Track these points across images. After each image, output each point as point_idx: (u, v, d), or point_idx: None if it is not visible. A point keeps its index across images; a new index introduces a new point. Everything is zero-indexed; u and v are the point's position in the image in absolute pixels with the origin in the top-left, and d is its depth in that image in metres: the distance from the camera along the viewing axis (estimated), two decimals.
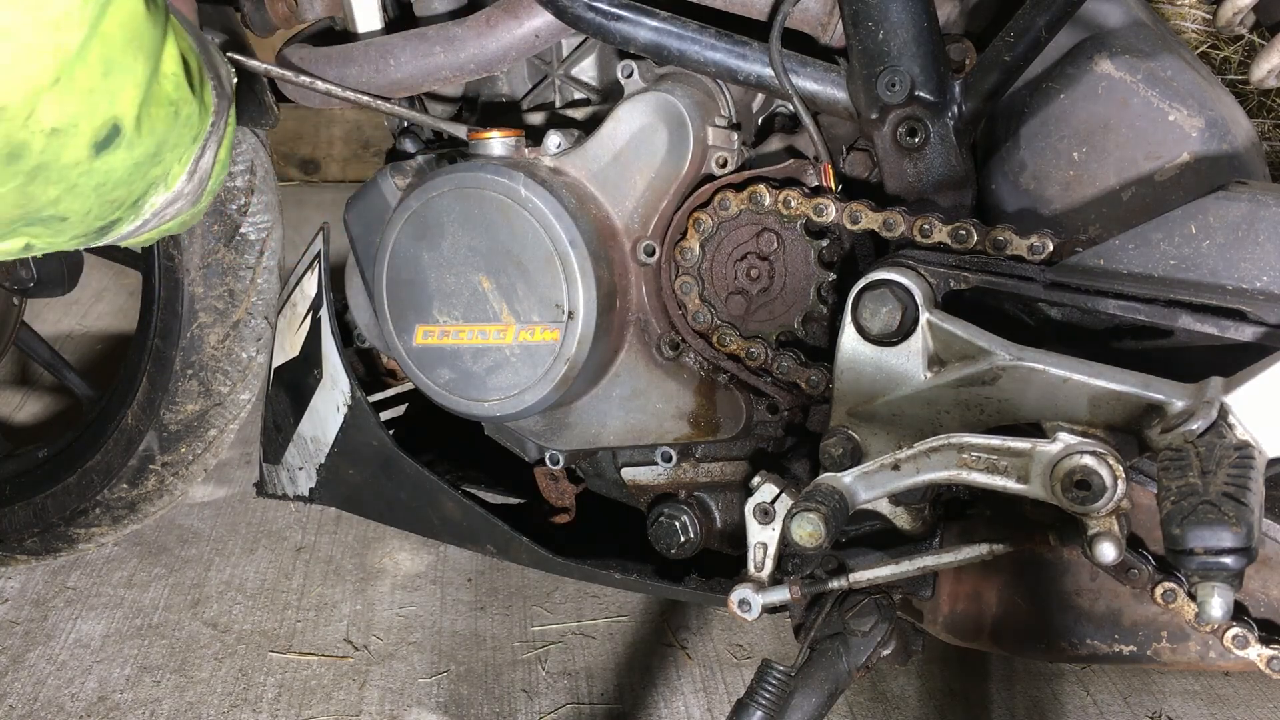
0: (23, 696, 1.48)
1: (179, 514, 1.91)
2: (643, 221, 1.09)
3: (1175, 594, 0.95)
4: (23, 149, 0.75)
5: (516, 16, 1.12)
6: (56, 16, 0.72)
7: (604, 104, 1.17)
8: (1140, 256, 0.93)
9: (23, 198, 0.79)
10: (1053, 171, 1.04)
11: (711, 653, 1.55)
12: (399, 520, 1.33)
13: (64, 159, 0.78)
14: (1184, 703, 1.45)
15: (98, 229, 0.90)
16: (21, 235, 0.85)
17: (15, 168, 0.75)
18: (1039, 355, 0.89)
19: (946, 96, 1.00)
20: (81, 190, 0.82)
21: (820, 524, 0.88)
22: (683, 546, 1.17)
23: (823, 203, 1.02)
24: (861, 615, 1.01)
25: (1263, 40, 1.13)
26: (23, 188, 0.78)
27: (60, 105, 0.75)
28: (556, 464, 1.23)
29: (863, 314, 0.96)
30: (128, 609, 1.67)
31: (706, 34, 1.04)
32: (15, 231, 0.84)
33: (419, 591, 1.71)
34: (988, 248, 0.96)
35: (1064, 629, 1.03)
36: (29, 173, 0.77)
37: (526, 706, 1.45)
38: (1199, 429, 0.79)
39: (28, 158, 0.75)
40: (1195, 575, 0.73)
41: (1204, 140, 0.99)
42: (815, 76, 1.04)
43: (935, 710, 1.44)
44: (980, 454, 0.87)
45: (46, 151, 0.76)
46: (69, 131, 0.77)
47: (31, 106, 0.73)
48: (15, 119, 0.73)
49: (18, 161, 0.75)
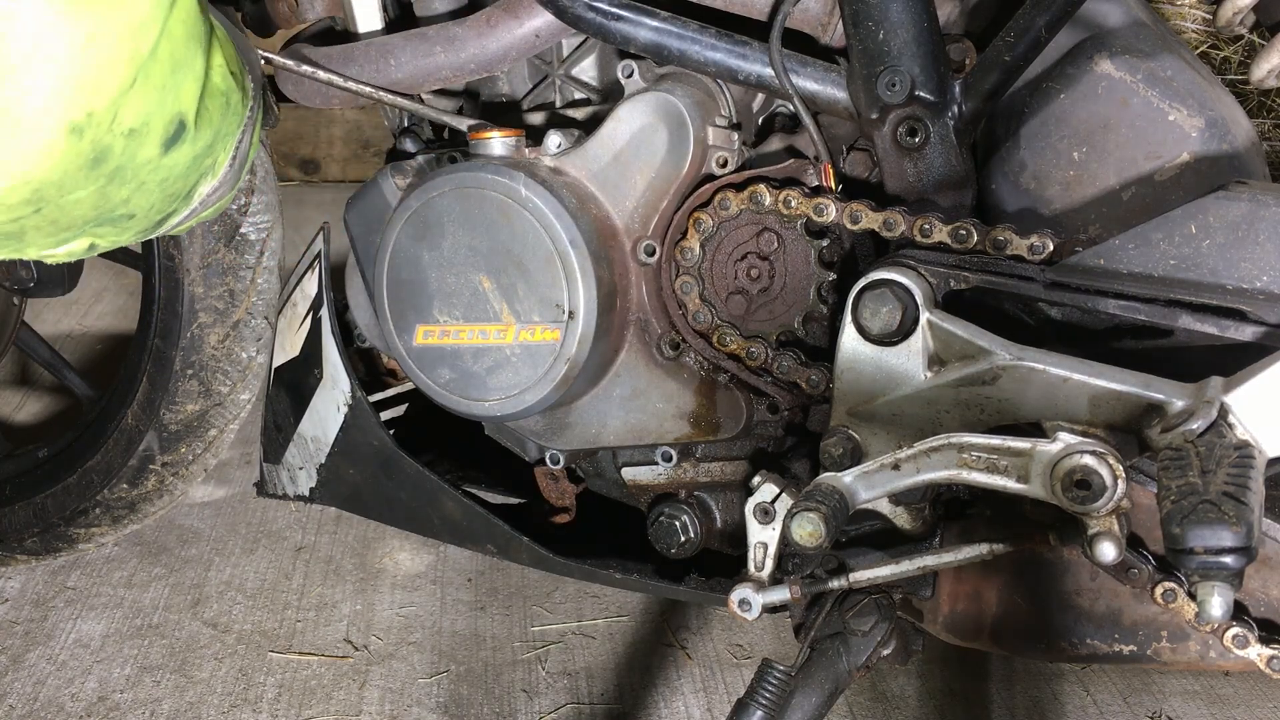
0: (23, 696, 1.48)
1: (179, 514, 1.91)
2: (643, 221, 1.09)
3: (1175, 593, 0.95)
4: (106, 153, 0.75)
5: (517, 16, 1.12)
6: (137, 20, 0.72)
7: (604, 104, 1.17)
8: (1140, 256, 0.93)
9: (100, 199, 0.79)
10: (1053, 171, 1.04)
11: (711, 653, 1.55)
12: (399, 520, 1.33)
13: (139, 158, 0.79)
14: (1184, 703, 1.46)
15: (156, 222, 0.91)
16: (88, 236, 0.85)
17: (98, 171, 0.76)
18: (1039, 355, 0.89)
19: (947, 96, 1.00)
20: (149, 187, 0.83)
21: (820, 524, 0.89)
22: (683, 546, 1.17)
23: (823, 203, 1.02)
24: (862, 615, 1.01)
25: (1263, 40, 1.13)
26: (102, 189, 0.78)
27: (137, 106, 0.75)
28: (557, 464, 1.23)
29: (863, 314, 0.96)
30: (128, 609, 1.67)
31: (707, 34, 1.04)
32: (85, 232, 0.84)
33: (419, 591, 1.71)
34: (988, 248, 0.96)
35: (1064, 629, 1.03)
36: (109, 175, 0.77)
37: (526, 706, 1.45)
38: (1199, 428, 0.79)
39: (110, 160, 0.76)
40: (1195, 575, 0.73)
41: (1204, 140, 0.99)
42: (815, 76, 1.04)
43: (935, 710, 1.44)
44: (980, 454, 0.87)
45: (125, 153, 0.77)
46: (144, 131, 0.77)
47: (115, 110, 0.74)
48: (102, 124, 0.73)
49: (101, 165, 0.76)
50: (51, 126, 0.70)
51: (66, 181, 0.74)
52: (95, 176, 0.76)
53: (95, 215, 0.81)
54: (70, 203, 0.77)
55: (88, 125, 0.72)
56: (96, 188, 0.77)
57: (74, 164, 0.73)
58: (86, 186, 0.76)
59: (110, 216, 0.83)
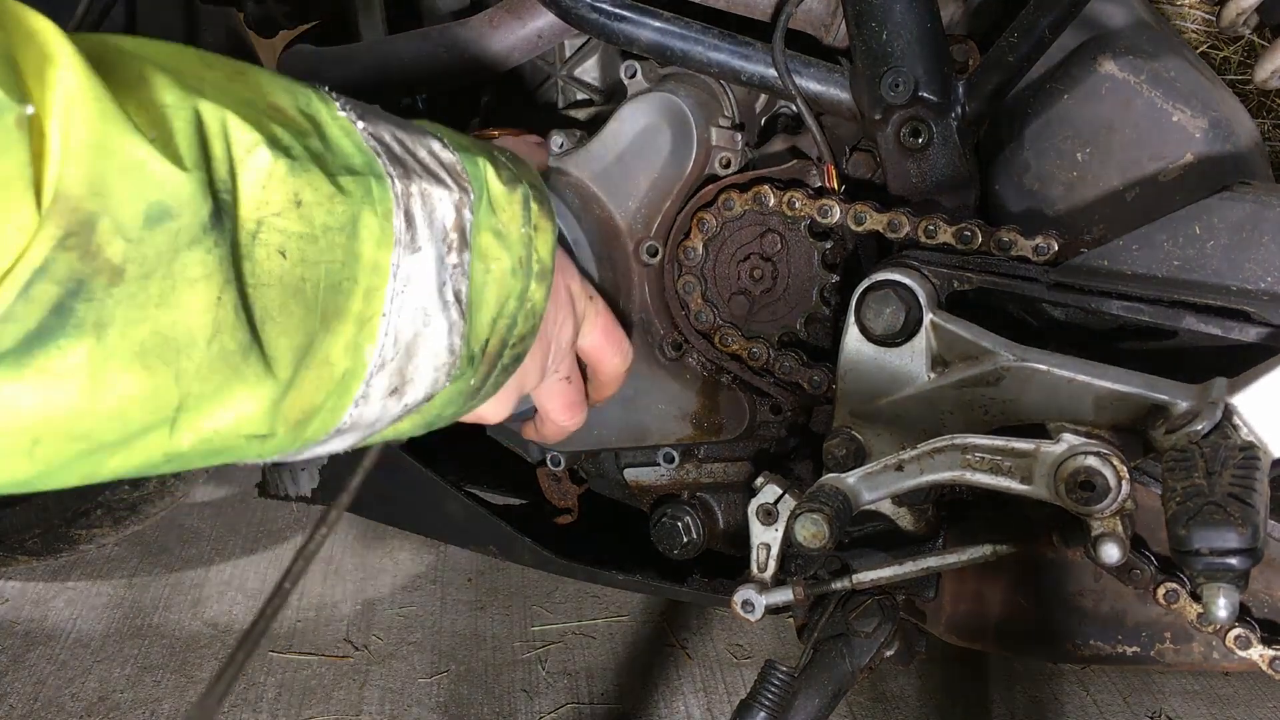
0: (23, 696, 1.48)
1: (179, 514, 1.91)
2: (646, 222, 1.09)
3: (1178, 595, 0.95)
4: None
5: (519, 17, 1.12)
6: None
7: (607, 104, 1.17)
8: (1144, 257, 0.93)
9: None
10: (1056, 172, 1.04)
11: (712, 653, 1.55)
12: (401, 520, 1.33)
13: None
14: (1184, 703, 1.46)
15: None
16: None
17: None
18: (1043, 356, 0.89)
19: (950, 97, 1.00)
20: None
21: (824, 525, 0.88)
22: (685, 547, 1.17)
23: (827, 204, 1.01)
24: (865, 616, 1.01)
25: (1264, 41, 1.13)
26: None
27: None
28: (558, 465, 1.23)
29: (866, 314, 0.96)
30: (128, 609, 1.67)
31: (710, 35, 1.04)
32: None
33: (419, 591, 1.71)
34: (992, 248, 0.96)
35: (1068, 630, 1.03)
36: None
37: (526, 706, 1.45)
38: (1204, 430, 0.79)
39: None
40: (1200, 576, 0.73)
41: (1207, 141, 0.99)
42: (818, 77, 1.04)
43: (935, 710, 1.44)
44: (984, 455, 0.87)
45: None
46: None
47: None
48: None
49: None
50: None
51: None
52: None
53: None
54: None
55: None
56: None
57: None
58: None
59: None
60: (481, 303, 0.72)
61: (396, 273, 0.64)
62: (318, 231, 0.58)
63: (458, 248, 0.69)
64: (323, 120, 0.62)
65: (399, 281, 0.64)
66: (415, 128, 0.71)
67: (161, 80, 0.52)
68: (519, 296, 0.75)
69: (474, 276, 0.71)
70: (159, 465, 0.56)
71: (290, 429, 0.61)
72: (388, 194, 0.63)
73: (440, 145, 0.71)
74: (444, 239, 0.68)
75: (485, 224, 0.72)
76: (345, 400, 0.63)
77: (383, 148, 0.65)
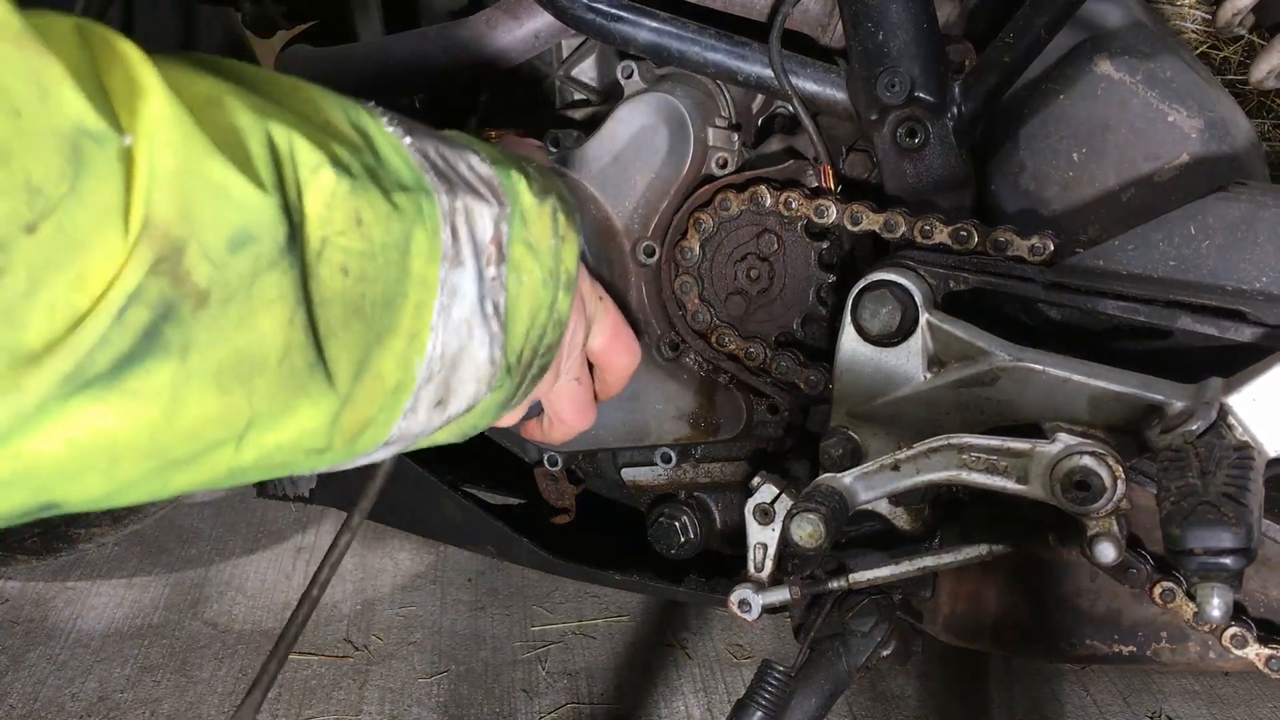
0: (23, 696, 1.49)
1: (179, 514, 1.91)
2: (642, 222, 1.09)
3: (1174, 594, 0.95)
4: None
5: (516, 18, 1.12)
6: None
7: (604, 105, 1.17)
8: (1140, 257, 0.93)
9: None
10: (1052, 172, 1.04)
11: (711, 653, 1.55)
12: (399, 521, 1.33)
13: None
14: (1184, 703, 1.46)
15: None
16: None
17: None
18: (1038, 356, 0.89)
19: (946, 97, 1.00)
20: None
21: (820, 524, 0.89)
22: (683, 547, 1.17)
23: (824, 204, 1.02)
24: (861, 616, 1.01)
25: (1262, 41, 1.13)
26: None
27: None
28: (555, 465, 1.23)
29: (862, 314, 0.96)
30: (128, 609, 1.67)
31: (706, 35, 1.04)
32: None
33: (419, 591, 1.71)
34: (989, 249, 0.96)
35: (1064, 629, 1.03)
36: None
37: (526, 706, 1.45)
38: (1198, 429, 0.79)
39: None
40: (1194, 576, 0.74)
41: (1203, 141, 0.99)
42: (815, 77, 1.04)
43: (935, 710, 1.44)
44: (980, 454, 0.87)
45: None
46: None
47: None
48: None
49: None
50: None
51: None
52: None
53: None
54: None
55: None
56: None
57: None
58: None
59: None
60: (517, 315, 0.72)
61: (443, 287, 0.65)
62: (376, 249, 0.59)
63: (495, 261, 0.70)
64: (374, 136, 0.63)
65: (445, 295, 0.65)
66: (454, 142, 0.72)
67: (234, 101, 0.52)
68: (549, 307, 0.76)
69: (510, 289, 0.72)
70: (222, 480, 0.56)
71: (345, 442, 0.61)
72: (435, 210, 0.64)
73: (478, 159, 0.72)
74: (484, 253, 0.69)
75: (519, 236, 0.73)
76: (395, 413, 0.64)
77: (429, 163, 0.66)
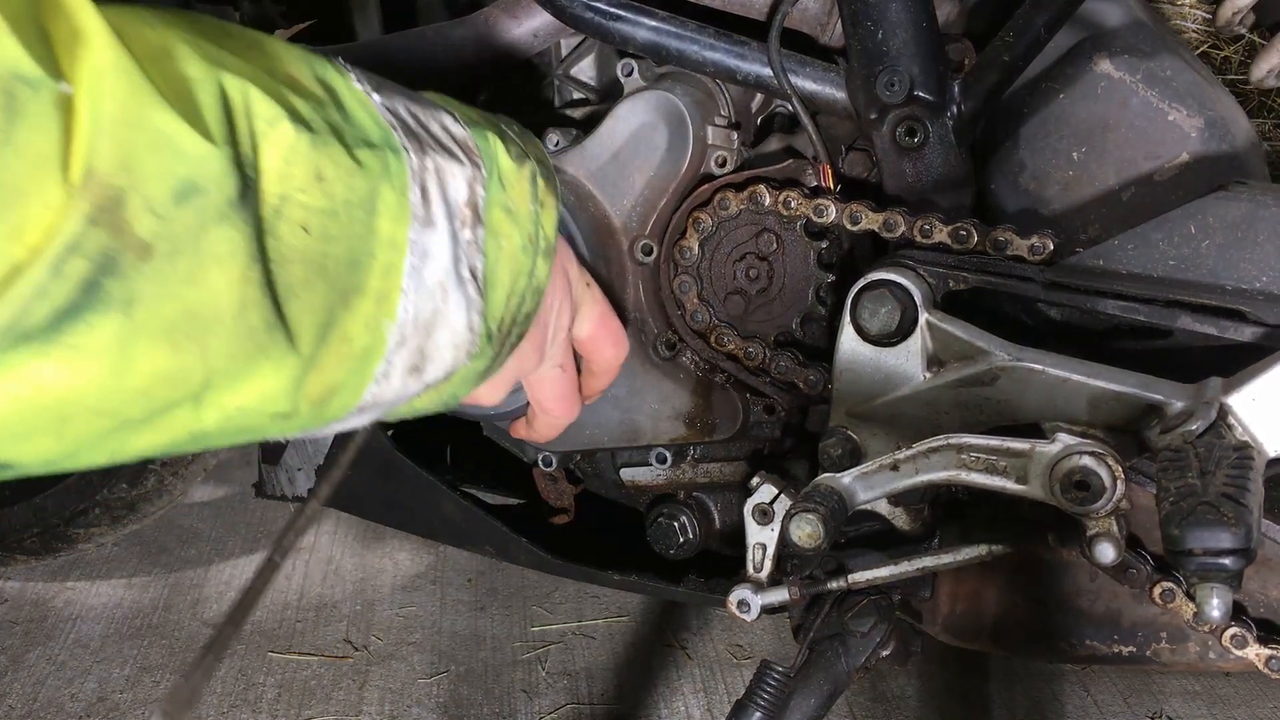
0: (23, 696, 1.48)
1: (179, 514, 1.91)
2: (641, 220, 1.09)
3: (1174, 594, 0.95)
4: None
5: (515, 17, 1.12)
6: None
7: (603, 103, 1.17)
8: (1140, 257, 0.93)
9: None
10: (1052, 171, 1.03)
11: (711, 653, 1.55)
12: (398, 521, 1.33)
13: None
14: (1184, 703, 1.45)
15: None
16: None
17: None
18: (1038, 355, 0.89)
19: (946, 96, 1.00)
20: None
21: (819, 525, 0.88)
22: (681, 547, 1.17)
23: (823, 203, 1.01)
24: (860, 616, 1.01)
25: (1262, 40, 1.13)
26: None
27: None
28: (550, 465, 1.22)
29: (862, 314, 0.96)
30: (128, 609, 1.67)
31: (705, 34, 1.04)
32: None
33: (419, 591, 1.71)
34: (988, 248, 0.96)
35: (1063, 629, 1.03)
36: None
37: (526, 706, 1.45)
38: (1198, 429, 0.79)
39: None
40: (1194, 576, 0.73)
41: (1204, 140, 0.99)
42: (814, 76, 1.04)
43: (935, 710, 1.44)
44: (979, 454, 0.87)
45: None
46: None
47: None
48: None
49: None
50: None
51: None
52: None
53: None
54: None
55: None
56: None
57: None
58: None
59: None
60: (496, 280, 0.71)
61: (413, 248, 0.63)
62: (338, 207, 0.58)
63: (471, 224, 0.69)
64: (340, 91, 0.61)
65: (415, 257, 0.64)
66: (427, 101, 0.70)
67: (185, 51, 0.51)
68: (528, 274, 0.74)
69: (489, 254, 0.70)
70: (185, 444, 0.55)
71: (312, 406, 0.60)
72: (404, 169, 0.63)
73: (452, 120, 0.71)
74: (458, 215, 0.68)
75: (496, 200, 0.71)
76: (365, 378, 0.63)
77: (398, 121, 0.64)
